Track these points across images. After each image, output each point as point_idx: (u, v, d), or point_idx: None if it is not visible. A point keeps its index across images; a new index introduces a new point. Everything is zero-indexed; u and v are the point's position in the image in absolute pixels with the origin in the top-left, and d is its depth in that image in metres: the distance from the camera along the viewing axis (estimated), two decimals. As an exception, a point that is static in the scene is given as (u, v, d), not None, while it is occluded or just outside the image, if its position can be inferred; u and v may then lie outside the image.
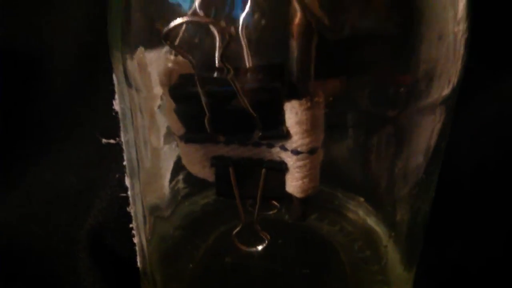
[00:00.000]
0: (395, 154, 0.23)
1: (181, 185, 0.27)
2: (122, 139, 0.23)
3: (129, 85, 0.21)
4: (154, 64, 0.21)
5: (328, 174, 0.27)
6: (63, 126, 0.37)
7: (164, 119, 0.23)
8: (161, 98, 0.22)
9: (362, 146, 0.25)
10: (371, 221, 0.27)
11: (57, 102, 0.37)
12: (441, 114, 0.22)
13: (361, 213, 0.28)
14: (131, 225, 0.25)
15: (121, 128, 0.23)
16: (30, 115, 0.37)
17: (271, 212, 0.25)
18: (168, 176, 0.25)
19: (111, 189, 0.30)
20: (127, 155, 0.23)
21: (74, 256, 0.28)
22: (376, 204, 0.27)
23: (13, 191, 0.34)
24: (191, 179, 0.26)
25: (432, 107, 0.21)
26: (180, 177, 0.26)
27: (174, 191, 0.27)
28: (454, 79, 0.21)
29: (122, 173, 0.25)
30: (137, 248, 0.25)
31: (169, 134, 0.24)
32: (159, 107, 0.23)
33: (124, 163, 0.23)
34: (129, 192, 0.24)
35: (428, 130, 0.22)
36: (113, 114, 0.23)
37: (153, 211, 0.25)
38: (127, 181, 0.24)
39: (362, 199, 0.28)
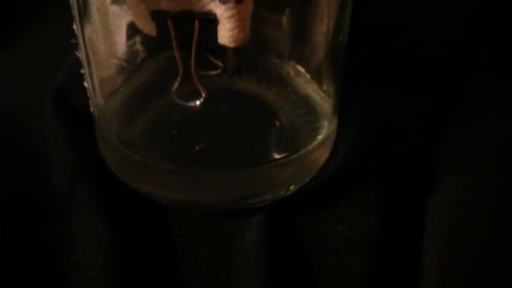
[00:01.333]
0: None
1: (139, 47, 0.29)
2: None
3: None
4: None
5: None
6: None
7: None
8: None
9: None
10: (310, 88, 0.30)
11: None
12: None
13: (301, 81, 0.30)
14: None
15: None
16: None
17: (213, 72, 0.27)
18: (123, 35, 0.27)
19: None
20: (73, 7, 0.25)
21: (40, 115, 0.31)
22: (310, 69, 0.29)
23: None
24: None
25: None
26: (137, 38, 0.29)
27: (132, 51, 0.29)
28: None
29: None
30: (88, 92, 0.27)
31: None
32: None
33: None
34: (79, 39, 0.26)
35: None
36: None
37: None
38: (75, 26, 0.26)
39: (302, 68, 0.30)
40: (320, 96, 0.29)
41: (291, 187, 0.27)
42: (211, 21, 0.23)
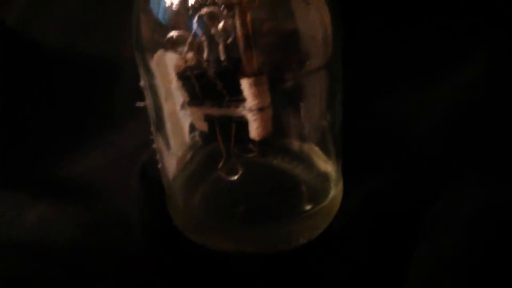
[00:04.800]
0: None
1: (197, 138, 0.40)
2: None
3: (147, 71, 0.34)
4: (169, 60, 0.34)
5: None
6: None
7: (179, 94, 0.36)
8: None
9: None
10: (320, 160, 0.40)
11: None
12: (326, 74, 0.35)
13: (313, 156, 0.41)
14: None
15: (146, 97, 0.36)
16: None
17: (250, 155, 0.37)
18: (187, 130, 0.38)
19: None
20: (150, 116, 0.37)
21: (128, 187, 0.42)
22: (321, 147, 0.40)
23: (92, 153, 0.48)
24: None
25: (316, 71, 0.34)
26: (197, 132, 0.39)
27: (193, 141, 0.40)
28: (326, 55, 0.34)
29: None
30: (163, 178, 0.39)
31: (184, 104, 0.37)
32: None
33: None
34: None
35: (319, 87, 0.35)
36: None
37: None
38: (152, 129, 0.37)
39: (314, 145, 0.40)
40: (328, 165, 0.40)
41: (301, 240, 0.36)
42: (244, 123, 0.33)
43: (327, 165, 0.40)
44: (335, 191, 0.38)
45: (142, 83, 0.35)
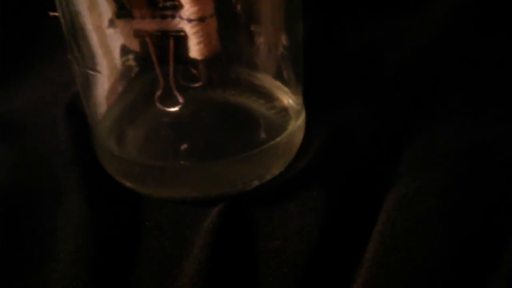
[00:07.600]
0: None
1: (132, 62, 0.34)
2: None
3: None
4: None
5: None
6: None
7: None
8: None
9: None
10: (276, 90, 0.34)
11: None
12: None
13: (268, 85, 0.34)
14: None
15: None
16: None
17: (195, 84, 0.31)
18: (118, 52, 0.32)
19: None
20: (64, 31, 0.30)
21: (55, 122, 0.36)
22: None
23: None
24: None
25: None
26: (131, 55, 0.33)
27: (127, 66, 0.33)
28: None
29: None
30: (87, 112, 0.32)
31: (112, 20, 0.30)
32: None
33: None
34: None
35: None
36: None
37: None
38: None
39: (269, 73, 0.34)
40: (288, 96, 0.34)
41: (254, 181, 0.31)
42: (184, 38, 0.27)
43: (285, 95, 0.34)
44: (295, 125, 0.32)
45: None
